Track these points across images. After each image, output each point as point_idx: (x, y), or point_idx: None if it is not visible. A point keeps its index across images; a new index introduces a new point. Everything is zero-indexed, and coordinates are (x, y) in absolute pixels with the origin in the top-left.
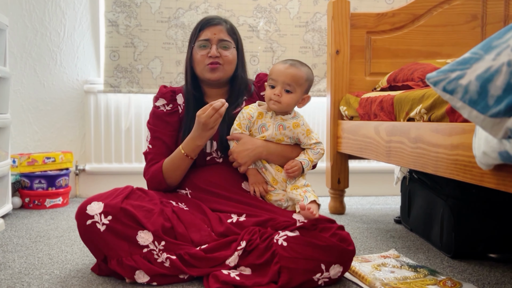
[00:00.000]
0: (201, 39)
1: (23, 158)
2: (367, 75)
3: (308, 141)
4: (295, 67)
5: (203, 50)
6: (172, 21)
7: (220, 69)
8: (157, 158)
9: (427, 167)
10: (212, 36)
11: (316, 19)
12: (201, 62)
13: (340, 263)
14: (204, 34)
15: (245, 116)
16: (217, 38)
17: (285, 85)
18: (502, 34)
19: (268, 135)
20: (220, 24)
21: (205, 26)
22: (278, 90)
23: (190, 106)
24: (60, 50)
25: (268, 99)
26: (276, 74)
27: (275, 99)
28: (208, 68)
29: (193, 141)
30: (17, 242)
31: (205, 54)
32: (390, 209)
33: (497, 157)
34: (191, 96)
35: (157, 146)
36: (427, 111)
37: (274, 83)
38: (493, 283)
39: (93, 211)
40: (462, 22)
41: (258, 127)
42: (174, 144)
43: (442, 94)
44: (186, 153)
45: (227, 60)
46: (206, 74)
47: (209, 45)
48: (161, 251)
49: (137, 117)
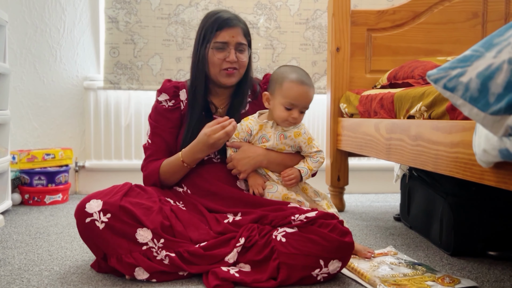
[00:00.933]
0: (218, 41)
1: (23, 155)
2: (368, 73)
3: (309, 150)
4: (311, 87)
5: (220, 53)
6: (172, 18)
7: (236, 75)
8: (156, 154)
9: (427, 165)
10: (231, 39)
11: (316, 16)
12: (217, 66)
13: (339, 259)
14: (222, 36)
15: (244, 129)
16: (235, 42)
17: (303, 108)
18: (503, 31)
19: (269, 145)
20: (238, 26)
21: (223, 27)
22: (297, 113)
23: (194, 103)
24: (59, 47)
25: (283, 120)
26: (297, 98)
27: (293, 121)
28: (224, 74)
29: (194, 154)
30: (16, 238)
31: (222, 58)
32: (390, 206)
33: (497, 155)
34: (199, 95)
35: (156, 143)
36: (428, 109)
37: (293, 107)
38: (492, 280)
39: (92, 209)
40: (462, 20)
41: (259, 138)
42: (173, 141)
43: (442, 91)
44: (185, 162)
45: (242, 64)
46: (221, 78)
47: (226, 48)
48: (160, 248)
49: (137, 114)
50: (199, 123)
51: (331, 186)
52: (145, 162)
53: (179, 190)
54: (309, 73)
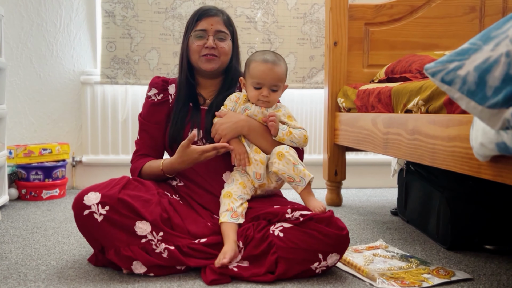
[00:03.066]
0: (198, 29)
1: (20, 150)
2: (365, 67)
3: (293, 123)
4: (277, 65)
5: (199, 40)
6: (169, 12)
7: (216, 61)
8: (143, 149)
9: (424, 159)
10: (209, 27)
11: (314, 11)
12: (197, 52)
13: (338, 252)
14: (201, 25)
15: (233, 98)
16: (214, 29)
17: (271, 86)
18: (501, 24)
19: (250, 112)
20: (217, 15)
21: (202, 16)
22: (266, 91)
23: (181, 94)
24: (56, 41)
25: (256, 99)
26: (261, 76)
27: (264, 99)
28: (203, 59)
29: (174, 167)
30: (13, 233)
31: (201, 44)
32: (387, 201)
33: (495, 148)
34: (183, 85)
35: (144, 139)
36: (425, 103)
37: (260, 85)
38: (489, 274)
39: (90, 201)
40: (460, 14)
41: (242, 110)
42: (160, 136)
43: (440, 85)
44: (164, 172)
45: (223, 52)
46: (202, 64)
47: (205, 35)
48: (160, 241)
49: (134, 109)
50: (186, 110)
51: (329, 181)
52: (133, 156)
53: (173, 184)
54: (306, 67)
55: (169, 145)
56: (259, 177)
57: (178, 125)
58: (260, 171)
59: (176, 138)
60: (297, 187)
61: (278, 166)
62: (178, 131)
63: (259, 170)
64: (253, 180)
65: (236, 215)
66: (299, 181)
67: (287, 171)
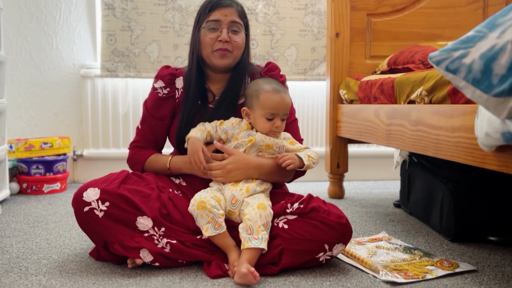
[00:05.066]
0: (210, 20)
1: (20, 144)
2: (367, 58)
3: (297, 147)
4: (286, 93)
5: (212, 32)
6: (169, 4)
7: (229, 56)
8: (143, 142)
9: (427, 150)
10: (223, 18)
11: (315, 2)
12: (209, 46)
13: (343, 242)
14: (214, 15)
15: (231, 121)
16: (228, 20)
17: (283, 116)
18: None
19: (257, 139)
20: (232, 6)
21: (216, 6)
22: (279, 122)
23: (190, 92)
24: (56, 34)
25: (268, 131)
26: (275, 107)
27: (277, 130)
28: (217, 54)
29: (182, 171)
30: (15, 227)
31: (214, 37)
32: (390, 193)
33: (500, 138)
34: (193, 81)
35: (145, 130)
36: (428, 93)
37: (274, 116)
38: (493, 265)
39: (90, 197)
40: (463, 4)
41: (245, 135)
42: (160, 131)
43: (444, 73)
44: (171, 170)
45: (236, 46)
46: (214, 60)
47: (219, 27)
48: (162, 236)
49: (135, 102)
50: (194, 110)
51: (331, 173)
52: (131, 145)
53: (176, 182)
54: (308, 59)
55: (176, 146)
56: (234, 202)
57: (188, 126)
58: (239, 197)
59: (184, 140)
60: (248, 241)
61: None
62: (187, 133)
63: (238, 195)
64: (227, 203)
65: (219, 224)
66: (256, 239)
67: (254, 222)
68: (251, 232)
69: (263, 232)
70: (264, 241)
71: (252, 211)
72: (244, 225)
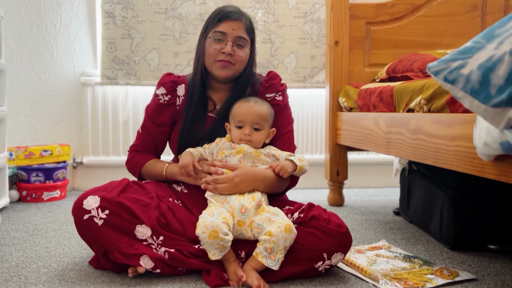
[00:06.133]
0: (217, 31)
1: (20, 151)
2: (366, 66)
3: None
4: (258, 104)
5: (217, 43)
6: (169, 12)
7: (230, 68)
8: (142, 146)
9: (427, 158)
10: (230, 31)
11: (314, 10)
12: (212, 56)
13: (342, 251)
14: (222, 27)
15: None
16: (235, 35)
17: (253, 124)
18: (504, 22)
19: (245, 147)
20: (240, 20)
21: (225, 18)
22: (247, 130)
23: (192, 97)
24: (56, 42)
25: (239, 139)
26: (242, 114)
27: (246, 138)
28: (218, 65)
29: (175, 175)
30: (14, 235)
31: (218, 48)
32: (389, 200)
33: (498, 148)
34: (196, 90)
35: (144, 135)
36: (427, 102)
37: (242, 123)
38: (493, 274)
39: (90, 205)
40: (462, 12)
41: (227, 145)
42: (160, 138)
43: (443, 84)
44: (166, 177)
45: (239, 60)
46: (215, 70)
47: (224, 39)
48: (160, 245)
49: (135, 109)
50: (196, 118)
51: (330, 181)
52: (131, 149)
53: (178, 189)
54: (307, 67)
55: (177, 153)
56: (244, 211)
57: (190, 130)
58: (248, 205)
59: (185, 149)
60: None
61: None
62: (188, 142)
63: (247, 204)
64: (236, 213)
65: (225, 248)
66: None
67: (278, 245)
68: (271, 251)
69: (281, 255)
70: (278, 264)
71: (279, 233)
72: (267, 240)
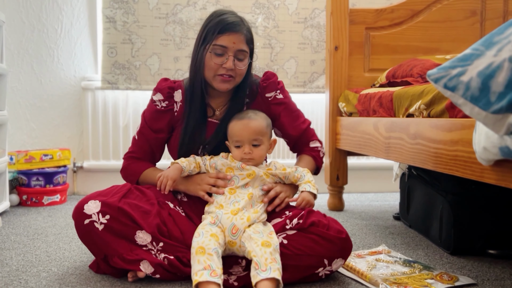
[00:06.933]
0: (218, 44)
1: (21, 155)
2: (366, 71)
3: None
4: (253, 119)
5: (218, 58)
6: (170, 17)
7: (231, 82)
8: (138, 153)
9: (426, 163)
10: (231, 45)
11: (314, 15)
12: (213, 70)
13: (343, 257)
14: (222, 40)
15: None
16: (236, 48)
17: (251, 141)
18: (503, 29)
19: (256, 170)
20: (241, 32)
21: (225, 31)
22: (247, 148)
23: (191, 107)
24: (57, 47)
25: (240, 158)
26: (238, 134)
27: (247, 157)
28: (219, 79)
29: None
30: (14, 239)
31: (219, 63)
32: (389, 205)
33: (498, 153)
34: (195, 96)
35: (141, 141)
36: (427, 107)
37: (240, 143)
38: (493, 279)
39: (91, 210)
40: (461, 18)
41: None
42: (157, 144)
43: (443, 91)
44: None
45: (240, 73)
46: (216, 83)
47: (225, 53)
48: (160, 251)
49: (135, 114)
50: (196, 125)
51: (330, 185)
52: (126, 156)
53: (178, 197)
54: (307, 72)
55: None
56: (235, 232)
57: (191, 138)
58: (240, 226)
59: (186, 156)
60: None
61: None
62: (191, 148)
63: (239, 224)
64: (227, 232)
65: (216, 274)
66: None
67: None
68: (258, 267)
69: (271, 263)
70: (273, 271)
71: (256, 247)
72: (252, 263)
